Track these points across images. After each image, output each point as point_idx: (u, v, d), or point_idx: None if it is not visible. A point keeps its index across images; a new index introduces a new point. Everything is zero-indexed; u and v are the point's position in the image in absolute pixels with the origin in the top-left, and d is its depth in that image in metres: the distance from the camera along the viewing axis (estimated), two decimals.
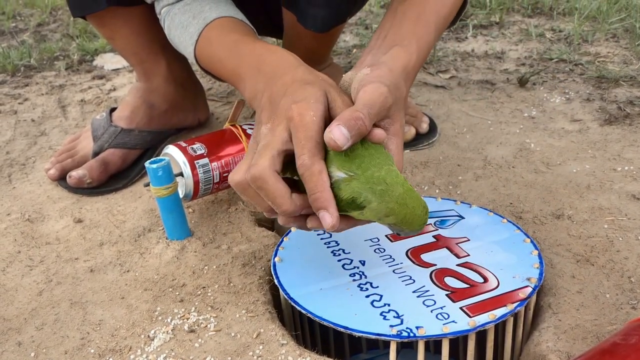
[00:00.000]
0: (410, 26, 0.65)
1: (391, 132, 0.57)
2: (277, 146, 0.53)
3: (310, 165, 0.51)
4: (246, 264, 0.70)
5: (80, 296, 0.68)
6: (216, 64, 0.71)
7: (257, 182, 0.53)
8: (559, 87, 1.16)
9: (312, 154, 0.51)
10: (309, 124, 0.52)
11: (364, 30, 1.60)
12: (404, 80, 0.59)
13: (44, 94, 1.30)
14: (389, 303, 0.58)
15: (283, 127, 0.54)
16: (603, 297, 0.62)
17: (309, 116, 0.53)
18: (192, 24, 0.73)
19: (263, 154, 0.53)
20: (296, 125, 0.52)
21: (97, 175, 0.91)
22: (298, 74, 0.58)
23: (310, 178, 0.51)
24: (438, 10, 0.68)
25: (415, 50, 0.62)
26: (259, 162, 0.53)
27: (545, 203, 0.79)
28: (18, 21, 2.09)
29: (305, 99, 0.54)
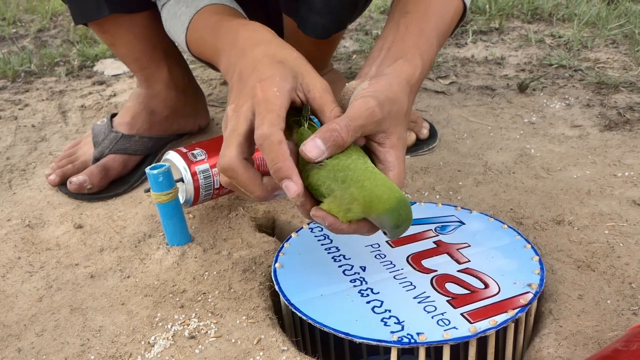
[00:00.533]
0: (413, 40, 0.65)
1: (387, 145, 0.57)
2: (242, 130, 0.54)
3: (269, 135, 0.51)
4: (247, 270, 0.70)
5: (81, 302, 0.67)
6: (201, 45, 0.72)
7: (227, 173, 0.54)
8: (558, 93, 1.16)
9: (271, 123, 0.51)
10: (270, 98, 0.53)
11: (363, 36, 1.60)
12: (407, 93, 0.59)
13: (45, 99, 1.30)
14: (389, 309, 0.58)
15: (247, 107, 0.54)
16: (604, 303, 0.62)
17: (271, 92, 0.53)
18: (184, 12, 0.74)
19: (229, 142, 0.53)
20: (258, 100, 0.53)
21: (97, 180, 0.91)
22: (271, 49, 0.58)
23: (270, 148, 0.51)
24: (439, 24, 0.68)
25: (419, 63, 0.62)
26: (226, 152, 0.53)
27: (546, 209, 0.79)
28: (18, 27, 2.09)
29: (271, 77, 0.54)
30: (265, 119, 0.52)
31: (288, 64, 0.57)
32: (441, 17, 0.69)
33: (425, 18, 0.67)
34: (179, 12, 0.76)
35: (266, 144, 0.51)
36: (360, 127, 0.54)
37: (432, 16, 0.68)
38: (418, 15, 0.67)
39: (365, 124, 0.54)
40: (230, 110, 0.56)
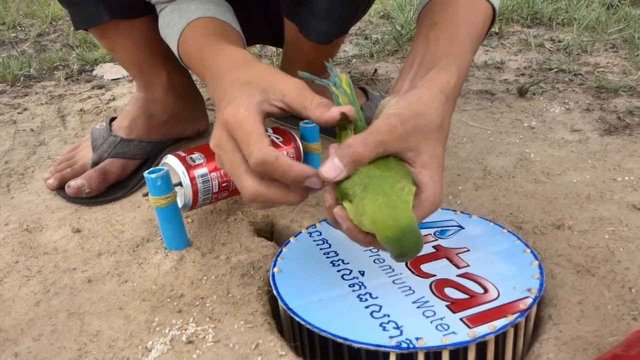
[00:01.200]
0: (445, 47, 0.62)
1: (418, 165, 0.53)
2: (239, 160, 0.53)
3: (264, 158, 0.51)
4: (245, 275, 0.70)
5: (78, 307, 0.67)
6: (192, 66, 0.73)
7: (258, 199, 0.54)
8: (558, 97, 1.16)
9: (258, 147, 0.51)
10: (242, 120, 0.52)
11: (363, 41, 1.60)
12: (440, 104, 0.56)
13: (44, 103, 1.30)
14: (388, 314, 0.58)
15: (226, 138, 0.54)
16: (604, 308, 0.62)
17: (240, 113, 0.52)
18: (177, 23, 0.75)
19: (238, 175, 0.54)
20: (232, 127, 0.53)
21: (96, 185, 0.90)
22: (240, 74, 0.58)
23: (274, 168, 0.51)
24: (470, 30, 0.66)
25: (454, 69, 0.60)
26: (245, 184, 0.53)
27: (546, 213, 0.79)
28: (18, 31, 2.10)
29: (237, 97, 0.54)
30: (249, 146, 0.51)
31: (254, 82, 0.56)
32: (471, 22, 0.67)
33: (454, 25, 0.65)
34: (172, 22, 0.76)
35: (267, 167, 0.51)
36: (380, 142, 0.52)
37: (461, 22, 0.66)
38: (447, 23, 0.65)
39: (386, 139, 0.52)
40: (213, 146, 0.56)
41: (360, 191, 0.51)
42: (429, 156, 0.54)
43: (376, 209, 0.50)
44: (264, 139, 0.52)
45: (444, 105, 0.57)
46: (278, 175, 0.52)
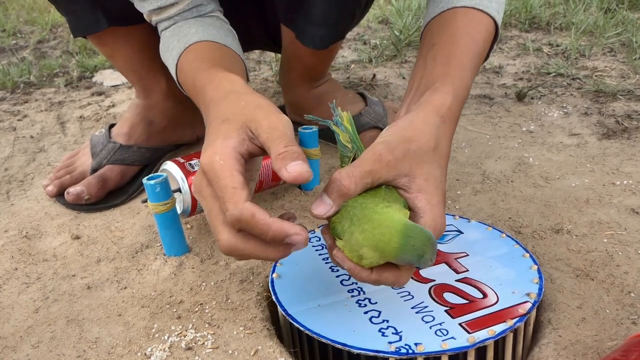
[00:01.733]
0: (441, 68, 0.61)
1: (414, 190, 0.52)
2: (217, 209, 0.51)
3: (240, 215, 0.48)
4: (244, 280, 0.70)
5: (77, 313, 0.67)
6: (189, 93, 0.70)
7: (233, 254, 0.51)
8: (556, 102, 1.16)
9: (234, 203, 0.48)
10: (217, 171, 0.49)
11: (362, 46, 1.61)
12: (434, 126, 0.55)
13: (43, 110, 1.30)
14: (387, 319, 0.58)
15: (204, 184, 0.52)
16: (603, 313, 0.62)
17: (216, 162, 0.50)
18: (175, 47, 0.72)
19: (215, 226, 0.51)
20: (210, 178, 0.50)
21: (95, 191, 0.90)
22: (221, 109, 0.55)
23: (250, 226, 0.48)
24: (470, 46, 0.64)
25: (450, 89, 0.58)
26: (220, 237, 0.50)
27: (544, 217, 0.79)
28: (18, 38, 2.10)
29: (213, 142, 0.51)
30: (226, 201, 0.49)
31: (233, 119, 0.53)
32: (471, 38, 0.65)
33: (452, 43, 0.64)
34: (171, 45, 0.74)
35: (244, 224, 0.48)
36: (367, 173, 0.51)
37: (460, 40, 0.64)
38: (444, 44, 0.64)
39: (373, 169, 0.51)
40: (194, 191, 0.54)
41: (349, 226, 0.50)
42: (424, 179, 0.52)
43: (368, 236, 0.49)
44: (239, 192, 0.48)
45: (439, 126, 0.55)
46: (257, 234, 0.49)
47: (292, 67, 1.03)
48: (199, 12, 0.75)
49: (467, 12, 0.67)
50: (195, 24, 0.73)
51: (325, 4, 0.81)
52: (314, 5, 0.81)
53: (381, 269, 0.51)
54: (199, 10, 0.75)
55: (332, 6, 0.81)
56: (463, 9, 0.67)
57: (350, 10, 0.86)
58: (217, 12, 0.78)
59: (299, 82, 1.05)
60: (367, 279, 0.51)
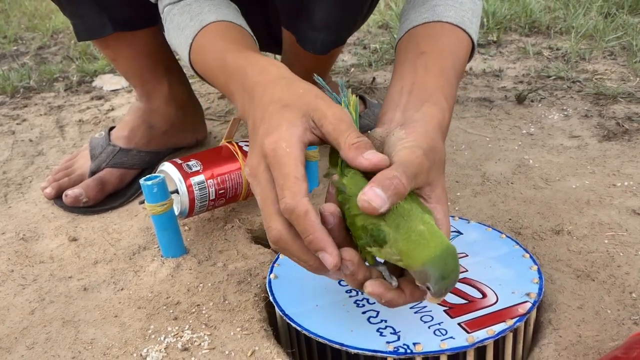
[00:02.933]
0: (435, 81, 0.61)
1: (434, 200, 0.51)
2: (274, 196, 0.49)
3: (293, 208, 0.47)
4: (242, 282, 0.69)
5: (73, 315, 0.66)
6: (209, 74, 0.69)
7: (279, 244, 0.50)
8: (557, 104, 1.16)
9: (292, 193, 0.47)
10: (282, 158, 0.48)
11: (362, 50, 1.61)
12: (440, 139, 0.55)
13: (43, 114, 1.30)
14: (385, 319, 0.57)
15: (263, 168, 0.50)
16: (604, 313, 0.61)
17: (281, 149, 0.49)
18: (188, 26, 0.71)
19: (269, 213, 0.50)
20: (271, 162, 0.49)
21: (93, 194, 0.90)
22: (276, 92, 0.54)
23: (298, 221, 0.47)
24: (455, 63, 0.65)
25: (446, 106, 0.58)
26: (272, 225, 0.49)
27: (545, 219, 0.78)
28: (20, 44, 2.11)
29: (278, 127, 0.50)
30: (284, 189, 0.47)
31: (295, 106, 0.51)
32: (456, 56, 0.66)
33: (442, 57, 0.64)
34: (182, 24, 0.72)
35: (293, 217, 0.47)
36: (414, 175, 0.49)
37: (448, 55, 0.65)
38: (435, 55, 0.64)
39: (418, 172, 0.49)
40: (248, 175, 0.52)
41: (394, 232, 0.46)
42: (442, 190, 0.52)
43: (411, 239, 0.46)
44: (301, 185, 0.48)
45: (443, 140, 0.56)
46: (299, 230, 0.48)
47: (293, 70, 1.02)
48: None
49: (454, 30, 0.68)
50: (206, 3, 0.72)
51: (327, 10, 0.80)
52: (315, 11, 0.81)
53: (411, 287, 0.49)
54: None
55: (333, 12, 0.81)
56: (450, 25, 0.67)
57: (351, 16, 0.85)
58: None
59: None
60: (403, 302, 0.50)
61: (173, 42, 0.75)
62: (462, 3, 0.70)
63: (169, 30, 0.76)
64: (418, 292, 0.50)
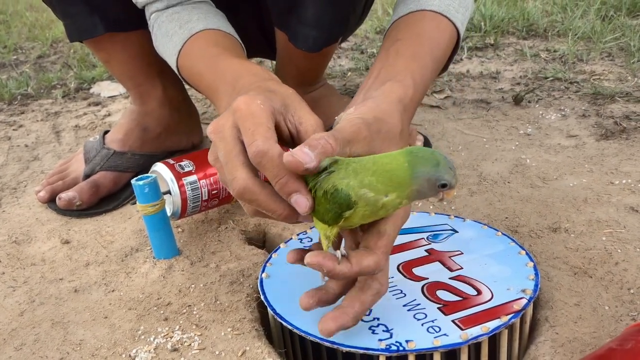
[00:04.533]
0: (405, 63, 0.62)
1: None
2: (238, 149, 0.48)
3: (266, 150, 0.46)
4: (234, 282, 0.69)
5: (63, 316, 0.66)
6: (195, 77, 0.69)
7: (245, 196, 0.48)
8: (554, 105, 1.15)
9: (264, 137, 0.46)
10: (255, 111, 0.48)
11: (359, 55, 1.60)
12: (399, 112, 0.55)
13: (39, 120, 1.30)
14: (378, 317, 0.56)
15: (230, 124, 0.49)
16: (602, 309, 0.60)
17: (255, 104, 0.48)
18: (177, 33, 0.71)
19: (233, 164, 0.48)
20: (241, 115, 0.48)
21: (87, 197, 0.89)
22: (265, 83, 0.55)
23: (271, 164, 0.46)
24: (433, 49, 0.66)
25: (410, 83, 0.59)
26: (236, 175, 0.48)
27: (542, 217, 0.77)
28: (19, 54, 2.12)
29: (256, 96, 0.50)
30: (256, 134, 0.47)
31: (279, 94, 0.52)
32: (435, 41, 0.67)
33: (418, 42, 0.65)
34: (171, 31, 0.73)
35: (265, 161, 0.46)
36: (347, 141, 0.49)
37: (425, 41, 0.66)
38: (410, 40, 0.65)
39: (352, 139, 0.49)
40: (211, 133, 0.51)
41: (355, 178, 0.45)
42: None
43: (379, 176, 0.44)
44: (273, 134, 0.47)
45: (402, 114, 0.55)
46: (271, 175, 0.47)
47: (286, 71, 1.02)
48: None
49: (435, 17, 0.69)
50: (195, 11, 0.72)
51: (318, 7, 0.80)
52: (306, 8, 0.81)
53: (359, 256, 0.49)
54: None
55: (325, 9, 0.80)
56: (432, 13, 0.69)
57: (343, 14, 0.85)
58: (209, 1, 0.77)
59: (293, 86, 1.03)
60: (348, 272, 0.48)
61: (160, 48, 0.76)
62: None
63: (156, 36, 0.76)
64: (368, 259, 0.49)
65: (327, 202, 0.46)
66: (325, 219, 0.48)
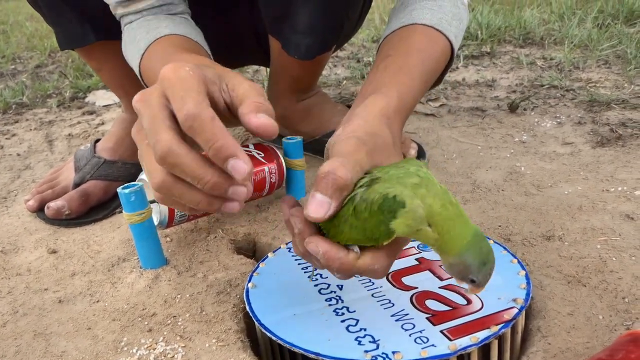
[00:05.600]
0: (390, 76, 0.61)
1: None
2: (164, 115, 0.44)
3: (197, 114, 0.42)
4: (221, 292, 0.67)
5: (45, 327, 0.64)
6: (152, 79, 0.66)
7: (168, 159, 0.43)
8: (550, 112, 1.14)
9: (196, 101, 0.42)
10: (184, 77, 0.44)
11: (355, 63, 1.60)
12: (386, 125, 0.54)
13: (33, 129, 1.30)
14: (365, 328, 0.55)
15: (157, 94, 0.45)
16: (595, 319, 0.58)
17: (184, 71, 0.44)
18: (144, 38, 0.70)
19: (156, 128, 0.43)
20: (170, 84, 0.44)
21: (76, 206, 0.88)
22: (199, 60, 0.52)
23: (202, 127, 0.42)
24: (423, 60, 0.65)
25: (394, 94, 0.58)
26: (159, 137, 0.43)
27: (535, 225, 0.76)
28: (17, 63, 2.12)
29: (185, 64, 0.46)
30: (186, 98, 0.43)
31: (211, 67, 0.49)
32: (424, 53, 0.66)
33: (406, 55, 0.64)
34: (138, 36, 0.71)
35: (197, 124, 0.42)
36: (356, 162, 0.47)
37: (414, 53, 0.65)
38: (398, 56, 0.65)
39: (358, 158, 0.47)
40: (136, 100, 0.46)
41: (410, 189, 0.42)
42: None
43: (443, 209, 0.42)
44: (205, 98, 0.43)
45: (389, 125, 0.54)
46: (203, 139, 0.42)
47: (280, 78, 1.01)
48: (169, 11, 0.73)
49: (426, 30, 0.68)
50: (166, 20, 0.71)
51: (311, 14, 0.80)
52: (299, 15, 0.80)
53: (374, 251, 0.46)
54: (169, 9, 0.73)
55: (317, 16, 0.80)
56: (422, 26, 0.68)
57: (336, 21, 0.84)
58: (186, 15, 0.76)
59: (287, 94, 1.03)
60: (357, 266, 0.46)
61: (127, 55, 0.74)
62: (441, 7, 0.70)
63: (125, 43, 0.74)
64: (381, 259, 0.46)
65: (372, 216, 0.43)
66: (376, 236, 0.44)
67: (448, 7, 0.71)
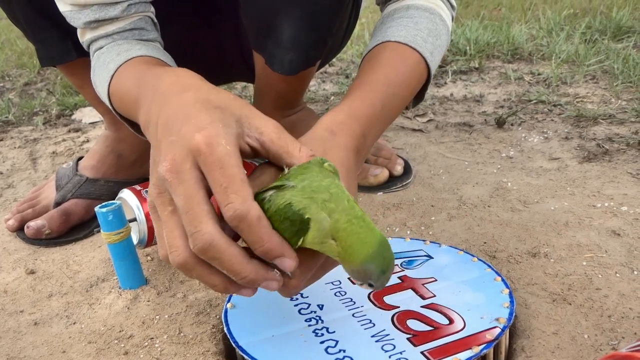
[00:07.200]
0: (349, 94, 0.61)
1: None
2: (201, 196, 0.42)
3: (245, 213, 0.41)
4: (200, 313, 0.66)
5: (19, 351, 0.62)
6: (125, 98, 0.62)
7: (209, 253, 0.42)
8: (537, 127, 1.14)
9: (242, 198, 0.41)
10: (223, 157, 0.42)
11: (344, 79, 1.60)
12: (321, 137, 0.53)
13: (17, 147, 1.28)
14: (344, 349, 0.54)
15: (190, 165, 0.42)
16: (581, 338, 0.57)
17: (221, 146, 0.42)
18: (114, 60, 0.66)
19: (197, 214, 0.42)
20: (207, 161, 0.42)
21: (57, 226, 0.87)
22: (202, 93, 0.47)
23: (250, 229, 0.41)
24: (388, 75, 0.64)
25: (344, 108, 0.57)
26: (202, 228, 0.41)
27: (521, 241, 0.75)
28: (6, 81, 2.11)
29: (212, 124, 0.43)
30: (230, 192, 0.41)
31: (227, 109, 0.46)
32: (392, 68, 0.66)
33: (371, 72, 0.64)
34: (108, 59, 0.67)
35: (244, 225, 0.41)
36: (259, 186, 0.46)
37: (380, 69, 0.65)
38: (364, 73, 0.65)
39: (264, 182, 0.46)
40: (167, 170, 0.43)
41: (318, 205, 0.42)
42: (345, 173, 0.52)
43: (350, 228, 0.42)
44: (248, 188, 0.42)
45: (327, 138, 0.53)
46: (250, 240, 0.42)
47: (265, 94, 1.00)
48: (141, 36, 0.70)
49: (397, 46, 0.68)
50: (138, 44, 0.68)
51: (294, 29, 0.79)
52: (283, 30, 0.79)
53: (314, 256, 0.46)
54: (141, 34, 0.70)
55: (301, 31, 0.79)
56: (394, 43, 0.68)
57: (320, 36, 0.84)
58: (158, 44, 0.73)
59: (272, 110, 1.02)
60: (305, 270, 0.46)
61: (96, 81, 0.70)
62: (417, 23, 0.70)
63: (94, 68, 0.70)
64: None
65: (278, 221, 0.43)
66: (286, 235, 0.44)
67: (424, 23, 0.71)
